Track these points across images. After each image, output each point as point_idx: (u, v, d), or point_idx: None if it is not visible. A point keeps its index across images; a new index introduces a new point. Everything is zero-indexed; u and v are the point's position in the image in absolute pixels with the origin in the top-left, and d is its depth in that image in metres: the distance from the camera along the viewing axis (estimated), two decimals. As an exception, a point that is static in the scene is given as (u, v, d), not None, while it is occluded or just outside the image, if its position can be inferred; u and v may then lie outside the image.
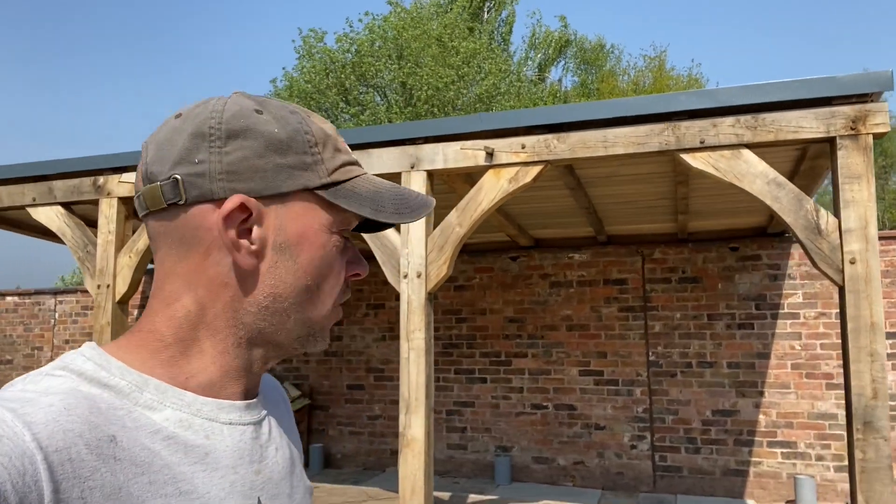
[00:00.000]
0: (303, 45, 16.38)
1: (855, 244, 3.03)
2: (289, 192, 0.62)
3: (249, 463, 0.64)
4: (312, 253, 0.64)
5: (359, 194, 0.64)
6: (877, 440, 2.89)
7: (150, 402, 0.58)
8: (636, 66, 24.43)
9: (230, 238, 0.61)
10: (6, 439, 0.47)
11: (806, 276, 6.08)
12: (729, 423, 6.17)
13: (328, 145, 0.65)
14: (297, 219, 0.63)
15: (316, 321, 0.65)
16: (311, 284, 0.64)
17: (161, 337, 0.62)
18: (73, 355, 0.59)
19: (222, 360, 0.63)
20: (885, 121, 3.04)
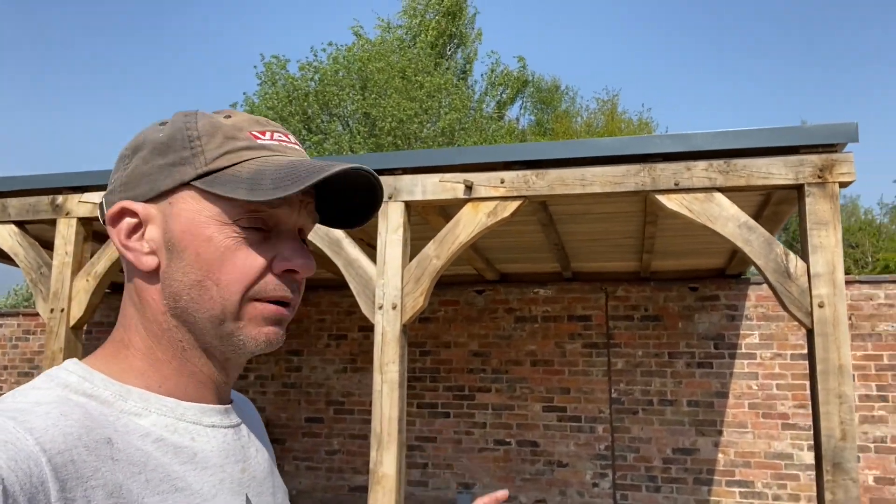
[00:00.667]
0: (265, 72, 16.31)
1: (823, 288, 3.12)
2: (168, 189, 0.64)
3: (235, 462, 0.66)
4: (198, 247, 0.63)
5: (237, 177, 0.62)
6: (846, 481, 2.94)
7: (135, 409, 0.61)
8: (589, 108, 25.16)
9: (120, 243, 0.65)
10: (10, 444, 0.49)
11: (762, 318, 6.25)
12: (689, 462, 6.22)
13: (216, 136, 0.64)
14: (179, 215, 0.63)
15: (224, 317, 0.63)
16: (203, 279, 0.63)
17: (127, 345, 0.65)
18: (57, 370, 0.62)
19: (176, 366, 0.65)
20: (851, 170, 3.18)
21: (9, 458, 0.49)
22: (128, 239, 0.65)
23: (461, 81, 18.14)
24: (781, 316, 6.19)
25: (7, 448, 0.49)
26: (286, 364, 7.36)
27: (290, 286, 0.67)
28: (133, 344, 0.65)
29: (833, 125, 3.23)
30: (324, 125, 15.21)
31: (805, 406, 6.03)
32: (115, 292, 7.65)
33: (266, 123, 0.68)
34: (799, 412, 6.04)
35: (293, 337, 7.36)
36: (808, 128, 3.27)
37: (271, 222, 0.66)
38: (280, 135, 0.68)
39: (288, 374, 7.34)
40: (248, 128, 0.66)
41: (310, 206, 0.69)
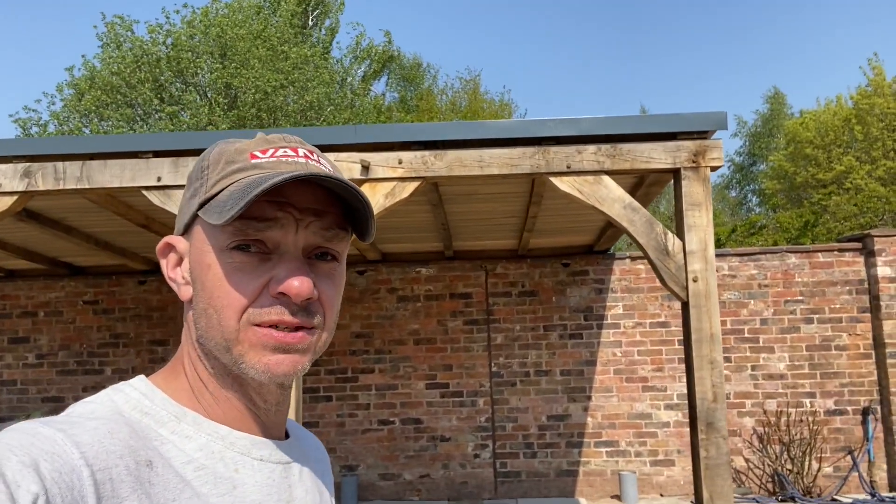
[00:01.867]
0: (108, 32, 14.76)
1: (697, 264, 3.41)
2: (188, 222, 0.66)
3: (276, 501, 0.65)
4: (203, 276, 0.64)
5: (218, 203, 0.61)
6: (717, 439, 3.27)
7: (187, 431, 0.62)
8: (453, 87, 25.54)
9: (167, 274, 0.68)
10: (57, 456, 0.51)
11: (625, 290, 6.74)
12: (561, 427, 6.61)
13: (219, 163, 0.65)
14: (194, 245, 0.65)
15: (226, 344, 0.62)
16: (207, 307, 0.63)
17: (182, 368, 0.67)
18: (124, 384, 0.64)
19: (222, 395, 0.65)
20: (720, 155, 3.48)
21: (53, 469, 0.50)
22: (172, 271, 0.68)
23: (327, 53, 17.58)
24: (641, 288, 6.71)
25: (53, 459, 0.51)
26: (149, 355, 6.83)
27: (291, 308, 0.62)
28: (185, 367, 0.67)
29: (706, 114, 3.51)
30: (179, 94, 14.09)
31: (661, 369, 6.62)
32: None
33: (279, 141, 0.67)
34: (657, 375, 6.61)
35: (156, 326, 6.83)
36: (685, 116, 3.53)
37: (271, 245, 0.63)
38: (286, 150, 0.65)
39: (152, 365, 6.81)
40: (254, 148, 0.65)
41: (315, 224, 0.64)
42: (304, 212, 0.63)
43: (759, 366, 6.56)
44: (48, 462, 0.50)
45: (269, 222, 0.62)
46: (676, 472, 6.50)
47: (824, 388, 6.48)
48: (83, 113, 14.01)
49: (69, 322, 6.84)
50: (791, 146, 23.22)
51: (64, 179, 3.59)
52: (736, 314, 6.61)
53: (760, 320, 6.59)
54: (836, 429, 6.43)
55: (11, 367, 6.79)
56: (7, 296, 6.87)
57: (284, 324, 0.62)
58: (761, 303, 6.61)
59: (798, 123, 23.26)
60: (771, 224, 17.29)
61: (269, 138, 0.67)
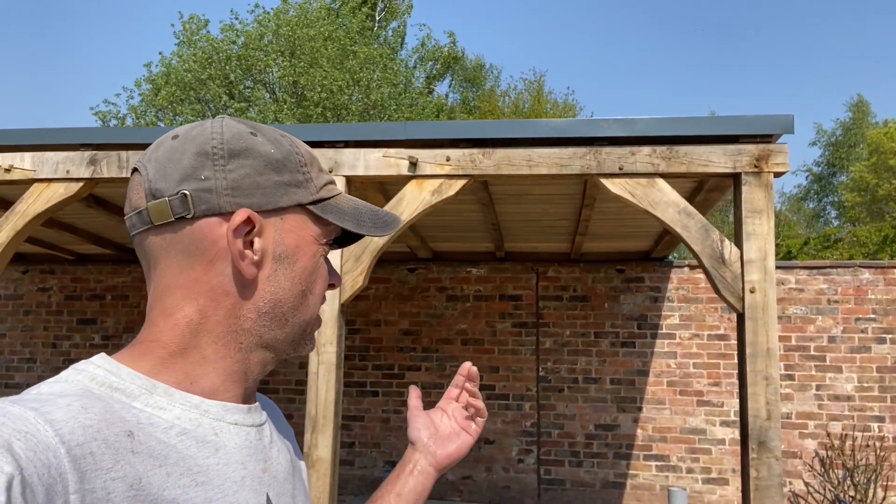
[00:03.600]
0: (183, 31, 15.37)
1: (755, 274, 3.24)
2: (286, 206, 0.69)
3: (256, 461, 0.68)
4: (306, 262, 0.70)
5: (342, 210, 0.72)
6: (769, 459, 3.09)
7: (160, 403, 0.62)
8: (516, 88, 25.36)
9: (237, 249, 0.66)
10: (30, 435, 0.50)
11: (682, 300, 6.51)
12: (609, 437, 6.44)
13: (315, 165, 0.72)
14: (293, 231, 0.69)
15: (308, 324, 0.72)
16: (306, 289, 0.70)
17: (164, 345, 0.66)
18: (85, 363, 0.63)
19: (224, 365, 0.67)
20: (786, 161, 3.29)
21: (28, 448, 0.49)
22: (246, 248, 0.67)
23: (394, 54, 17.78)
24: (700, 298, 6.46)
25: (27, 438, 0.50)
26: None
27: None
28: (166, 343, 0.66)
29: (770, 116, 3.33)
30: (247, 92, 14.53)
31: (718, 384, 6.35)
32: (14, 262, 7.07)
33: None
34: (713, 390, 6.36)
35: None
36: (747, 118, 3.36)
37: None
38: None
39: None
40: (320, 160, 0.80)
41: None
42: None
43: (825, 385, 6.21)
44: (21, 441, 0.49)
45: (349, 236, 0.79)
46: (730, 491, 6.22)
47: (894, 412, 6.07)
48: (159, 107, 14.65)
49: (134, 306, 7.14)
50: (874, 156, 21.98)
51: (127, 168, 3.74)
52: (802, 330, 6.28)
53: (828, 338, 6.24)
54: (908, 458, 6.01)
55: (79, 346, 7.14)
56: (78, 279, 7.24)
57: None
58: (830, 319, 6.25)
59: (882, 133, 21.99)
60: (847, 238, 16.39)
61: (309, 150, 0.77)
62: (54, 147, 3.80)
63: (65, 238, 6.20)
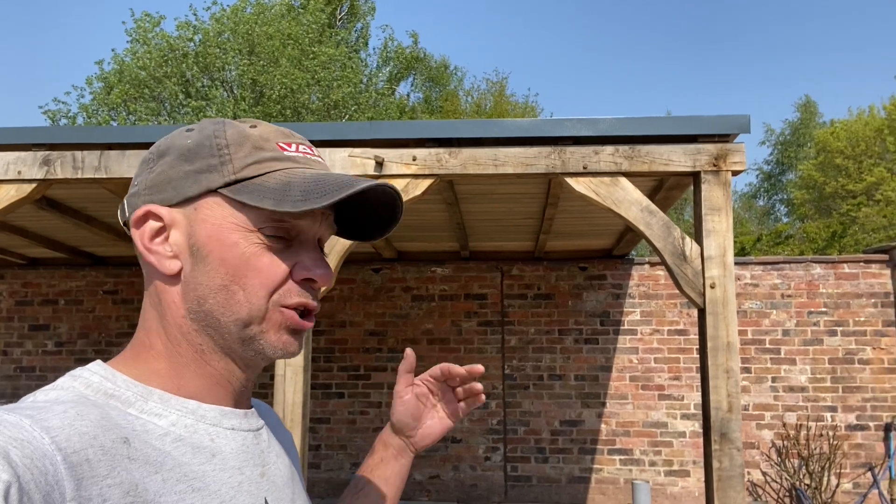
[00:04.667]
0: (136, 28, 14.98)
1: (715, 270, 3.33)
2: (195, 195, 0.65)
3: (254, 466, 0.66)
4: (223, 252, 0.64)
5: (265, 188, 0.64)
6: (731, 450, 3.18)
7: (156, 409, 0.62)
8: (479, 88, 25.49)
9: (143, 245, 0.65)
10: (27, 443, 0.50)
11: (643, 296, 6.64)
12: (574, 433, 6.53)
13: (244, 145, 0.66)
14: (205, 221, 0.64)
15: (250, 320, 0.64)
16: (229, 283, 0.64)
17: (149, 348, 0.66)
18: (81, 370, 0.63)
19: (195, 369, 0.65)
20: (743, 160, 3.39)
21: (24, 455, 0.49)
22: (151, 242, 0.65)
23: (355, 54, 17.66)
24: (660, 294, 6.60)
25: (23, 446, 0.49)
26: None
27: (313, 294, 0.68)
28: (154, 346, 0.66)
29: (728, 116, 3.42)
30: (205, 90, 14.24)
31: (679, 378, 6.50)
32: (-39, 267, 6.80)
33: (291, 135, 0.70)
34: (673, 384, 6.50)
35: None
36: (706, 118, 3.45)
37: (293, 232, 0.67)
38: (305, 147, 0.70)
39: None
40: (275, 139, 0.68)
41: (330, 218, 0.71)
42: (327, 207, 0.67)
43: (780, 377, 6.41)
44: (18, 449, 0.49)
45: (306, 213, 0.66)
46: (692, 483, 6.38)
47: (846, 402, 6.31)
48: (111, 106, 14.24)
49: (89, 311, 6.93)
50: (821, 156, 22.78)
51: (82, 169, 3.62)
52: (757, 324, 6.47)
53: (782, 331, 6.44)
54: (857, 444, 6.26)
55: (31, 353, 6.89)
56: (29, 283, 6.99)
57: (307, 308, 0.67)
58: (784, 313, 6.46)
59: (829, 133, 22.82)
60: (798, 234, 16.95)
61: (282, 130, 0.70)
62: (5, 147, 3.66)
63: (15, 242, 5.98)
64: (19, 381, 6.86)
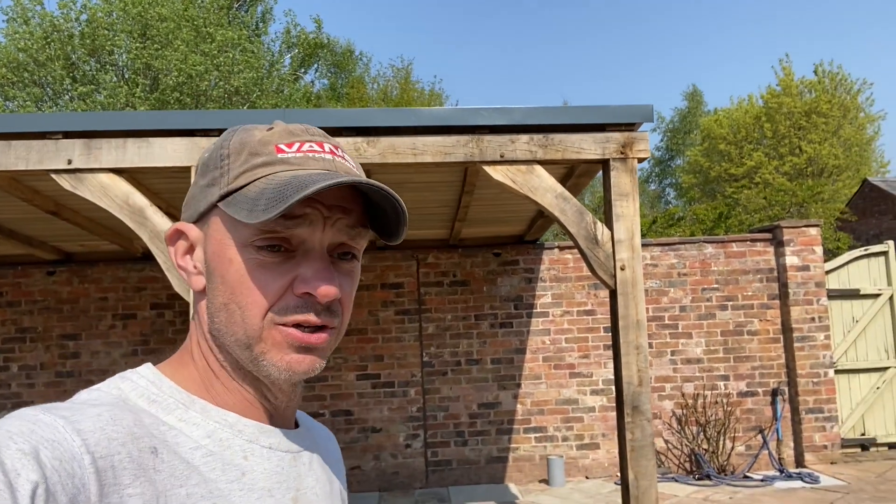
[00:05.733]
0: (14, 7, 13.74)
1: (624, 253, 3.51)
2: (205, 211, 0.64)
3: (286, 489, 0.64)
4: (222, 269, 0.62)
5: (245, 198, 0.60)
6: (642, 422, 3.39)
7: (195, 419, 0.61)
8: (385, 75, 25.33)
9: (175, 262, 0.66)
10: (57, 444, 0.50)
11: (554, 279, 6.89)
12: (492, 415, 6.70)
13: (242, 153, 0.63)
14: (211, 237, 0.64)
15: (248, 341, 0.61)
16: (228, 302, 0.62)
17: (191, 357, 0.66)
18: (131, 372, 0.63)
19: (224, 383, 0.65)
20: (647, 147, 3.59)
21: (53, 457, 0.49)
22: (182, 259, 0.66)
23: (256, 39, 17.02)
24: (569, 277, 6.87)
25: (54, 447, 0.50)
26: (59, 350, 6.44)
27: (315, 308, 0.62)
28: (194, 356, 0.66)
29: (633, 106, 3.60)
30: (93, 74, 13.28)
31: (587, 356, 6.81)
32: None
33: (302, 133, 0.65)
34: (583, 362, 6.81)
35: (67, 320, 6.45)
36: (614, 108, 3.61)
37: (295, 241, 0.62)
38: (312, 144, 0.64)
39: (62, 361, 6.44)
40: (278, 140, 0.63)
41: (342, 222, 0.64)
42: (332, 209, 0.62)
43: (678, 351, 6.86)
44: (48, 450, 0.49)
45: (298, 219, 0.60)
46: (601, 454, 6.72)
47: (737, 371, 6.84)
48: (-16, 91, 13.02)
49: None
50: (706, 142, 24.34)
51: (-37, 160, 3.32)
52: (657, 302, 6.88)
53: (680, 307, 6.89)
54: (748, 409, 6.81)
55: None
56: None
57: (309, 324, 0.62)
58: (680, 291, 6.90)
59: (713, 120, 24.40)
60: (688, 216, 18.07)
61: (293, 129, 0.65)
62: None
63: None
64: None
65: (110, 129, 3.44)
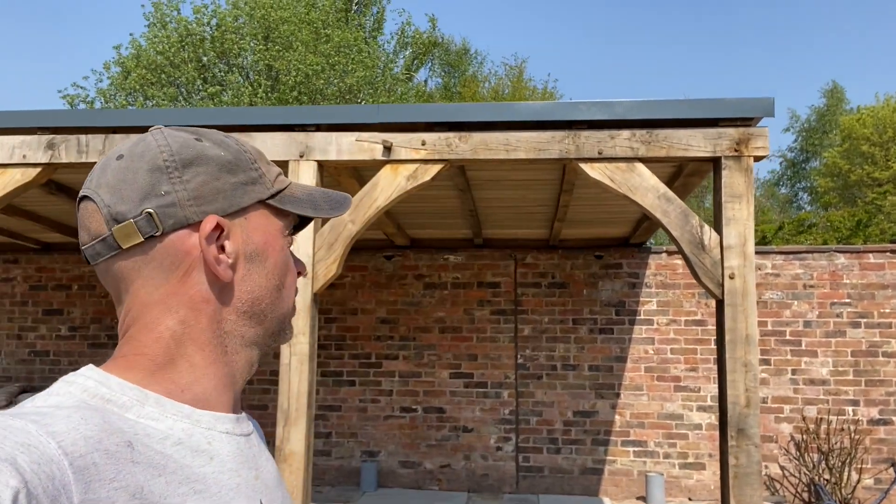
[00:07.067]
0: (153, 12, 14.96)
1: (734, 260, 3.20)
2: (247, 206, 0.69)
3: (249, 469, 0.68)
4: (276, 256, 0.71)
5: (298, 198, 0.73)
6: (748, 447, 3.06)
7: (152, 414, 0.62)
8: (497, 73, 25.21)
9: (213, 255, 0.67)
10: (33, 448, 0.50)
11: (660, 286, 6.50)
12: (588, 424, 6.43)
13: (263, 159, 0.73)
14: (258, 228, 0.70)
15: (287, 315, 0.74)
16: (280, 283, 0.71)
17: (151, 358, 0.66)
18: (74, 375, 0.63)
19: (213, 370, 0.68)
20: (766, 145, 3.24)
21: (31, 461, 0.49)
22: (220, 253, 0.67)
23: (371, 39, 17.50)
24: (678, 284, 6.45)
25: (30, 451, 0.50)
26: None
27: None
28: (153, 355, 0.66)
29: (750, 99, 3.27)
30: (221, 75, 14.19)
31: (695, 369, 6.36)
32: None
33: None
34: (690, 375, 6.37)
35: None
36: (727, 101, 3.30)
37: None
38: None
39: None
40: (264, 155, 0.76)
41: None
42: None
43: (801, 370, 6.25)
44: (25, 454, 0.49)
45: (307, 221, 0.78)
46: (707, 476, 6.26)
47: (869, 396, 6.14)
48: (129, 91, 14.27)
49: (102, 296, 6.94)
50: (846, 143, 22.26)
51: (87, 152, 3.57)
52: (778, 315, 6.30)
53: (804, 322, 6.27)
54: (880, 439, 6.09)
55: (45, 338, 6.93)
56: (43, 268, 7.01)
57: None
58: (805, 304, 6.29)
59: (855, 119, 22.28)
60: (821, 223, 16.59)
61: None
62: (9, 131, 3.62)
63: (27, 226, 5.98)
64: (34, 364, 6.91)
65: (227, 124, 3.55)
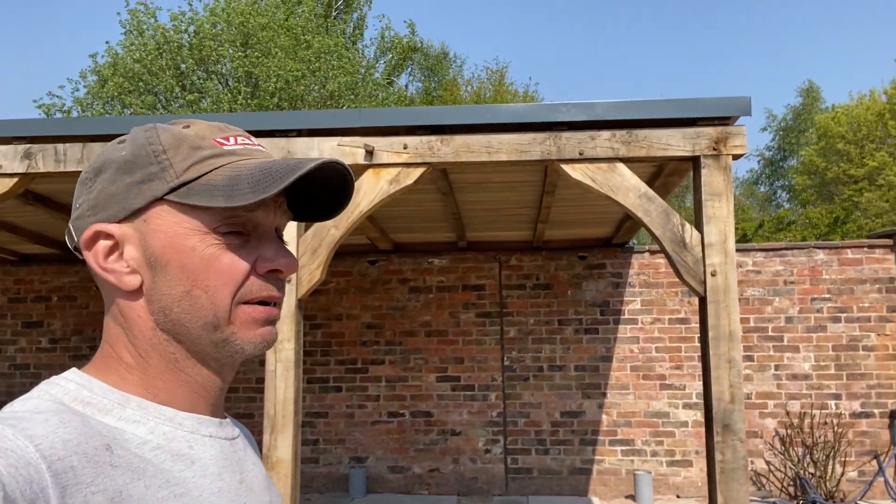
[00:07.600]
0: (130, 20, 14.82)
1: (716, 257, 3.23)
2: (142, 207, 0.64)
3: (233, 473, 0.67)
4: (182, 258, 0.63)
5: (213, 186, 0.63)
6: (734, 442, 3.09)
7: (133, 416, 0.62)
8: (479, 77, 25.27)
9: (98, 265, 0.64)
10: (10, 451, 0.50)
11: (644, 285, 6.54)
12: (575, 424, 6.46)
13: (182, 147, 0.65)
14: (157, 230, 0.64)
15: (217, 322, 0.64)
16: (191, 288, 0.63)
17: (118, 359, 0.65)
18: (56, 378, 0.63)
19: (169, 378, 0.65)
20: (744, 143, 3.28)
21: (9, 464, 0.49)
22: (106, 261, 0.64)
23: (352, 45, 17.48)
24: (661, 283, 6.50)
25: (7, 455, 0.50)
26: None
27: (276, 285, 0.68)
28: (123, 358, 0.65)
29: (728, 99, 3.31)
30: (200, 83, 14.09)
31: (680, 367, 6.42)
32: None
33: (227, 129, 0.69)
34: (675, 373, 6.42)
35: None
36: (705, 100, 3.34)
37: (250, 226, 0.66)
38: (243, 138, 0.69)
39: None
40: (211, 135, 0.67)
41: (284, 205, 0.69)
42: (278, 194, 0.66)
43: (783, 365, 6.33)
44: (2, 458, 0.49)
45: (258, 205, 0.65)
46: (694, 472, 6.31)
47: (850, 389, 6.22)
48: (106, 99, 14.11)
49: (82, 307, 6.85)
50: (822, 141, 22.61)
51: (64, 161, 3.53)
52: (760, 311, 6.38)
53: (785, 318, 6.35)
54: (862, 432, 6.18)
55: (25, 351, 6.82)
56: (21, 280, 6.90)
57: (272, 299, 0.67)
58: (787, 300, 6.37)
59: (830, 118, 22.64)
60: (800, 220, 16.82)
61: (218, 125, 0.69)
62: (-16, 140, 3.56)
63: (4, 237, 5.89)
64: (14, 378, 6.79)
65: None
